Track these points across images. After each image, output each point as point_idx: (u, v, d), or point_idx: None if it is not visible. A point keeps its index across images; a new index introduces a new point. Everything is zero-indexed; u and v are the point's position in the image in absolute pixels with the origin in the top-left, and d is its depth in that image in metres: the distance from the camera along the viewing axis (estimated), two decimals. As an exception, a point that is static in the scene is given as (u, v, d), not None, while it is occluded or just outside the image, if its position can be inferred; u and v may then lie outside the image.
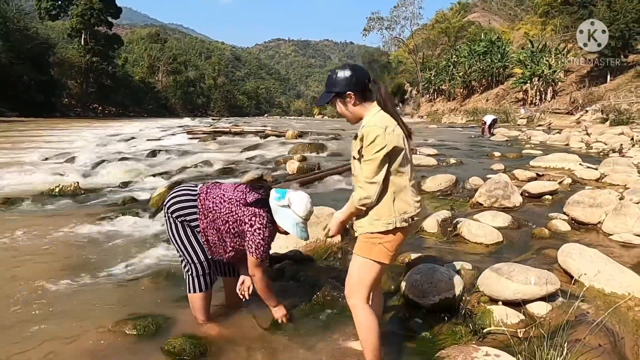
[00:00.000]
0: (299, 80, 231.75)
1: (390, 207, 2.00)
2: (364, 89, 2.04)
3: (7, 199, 5.93)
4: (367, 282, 2.08)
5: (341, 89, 2.03)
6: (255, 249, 2.40)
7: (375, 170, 1.92)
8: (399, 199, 2.01)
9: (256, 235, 2.39)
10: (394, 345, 2.44)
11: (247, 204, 2.44)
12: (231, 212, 2.45)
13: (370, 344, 2.11)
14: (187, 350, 2.29)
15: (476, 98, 45.19)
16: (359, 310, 2.09)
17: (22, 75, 41.62)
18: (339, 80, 2.03)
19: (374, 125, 1.94)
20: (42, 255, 3.85)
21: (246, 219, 2.42)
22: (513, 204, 4.67)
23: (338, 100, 2.07)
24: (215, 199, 2.49)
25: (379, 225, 2.00)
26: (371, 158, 1.92)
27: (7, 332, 2.51)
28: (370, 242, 2.03)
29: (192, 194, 2.54)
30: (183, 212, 2.48)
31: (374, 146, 1.91)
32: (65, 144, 14.39)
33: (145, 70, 74.13)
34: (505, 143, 12.61)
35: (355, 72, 2.04)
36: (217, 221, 2.45)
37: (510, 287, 2.53)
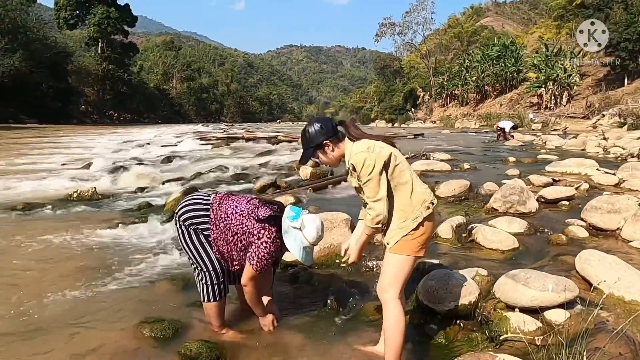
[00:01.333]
0: (311, 86, 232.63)
1: (410, 204, 2.13)
2: (335, 133, 2.21)
3: (27, 204, 6.06)
4: (402, 277, 2.16)
5: (318, 141, 2.20)
6: (257, 262, 2.40)
7: (376, 188, 2.06)
8: (414, 192, 2.14)
9: (262, 248, 2.40)
10: (409, 352, 2.43)
11: (258, 218, 2.45)
12: (242, 223, 2.46)
13: (395, 341, 2.13)
14: (204, 354, 2.31)
15: (490, 103, 44.83)
16: (390, 305, 2.13)
17: (40, 83, 42.62)
18: (312, 135, 2.22)
19: (357, 152, 2.08)
20: (61, 260, 3.92)
21: (255, 231, 2.43)
22: (529, 209, 4.62)
23: (319, 152, 2.24)
24: (228, 210, 2.51)
25: (409, 224, 2.11)
26: (368, 179, 2.06)
27: (26, 335, 2.56)
28: (404, 240, 2.13)
29: (204, 203, 2.56)
30: (195, 221, 2.50)
31: (366, 168, 2.05)
32: (83, 150, 14.69)
33: (160, 77, 75.31)
34: (520, 148, 12.48)
35: (322, 122, 2.23)
36: (227, 232, 2.47)
37: (527, 294, 2.51)
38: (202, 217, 2.51)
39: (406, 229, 2.11)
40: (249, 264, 2.43)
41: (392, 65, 68.19)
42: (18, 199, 6.47)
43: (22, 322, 2.73)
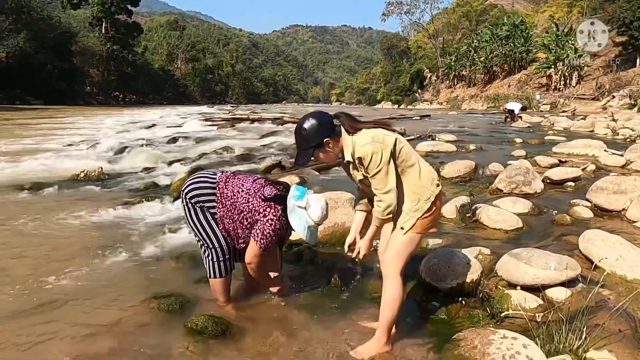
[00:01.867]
0: (316, 67, 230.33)
1: (421, 185, 2.10)
2: (333, 129, 2.09)
3: (34, 184, 6.13)
4: (408, 254, 2.16)
5: (318, 140, 2.07)
6: (261, 238, 2.42)
7: (385, 179, 2.00)
8: (423, 172, 2.11)
9: (267, 225, 2.42)
10: (410, 327, 2.47)
11: (264, 196, 2.47)
12: (247, 202, 2.48)
13: (389, 315, 2.16)
14: (210, 328, 2.36)
15: (497, 84, 44.24)
16: (392, 280, 2.14)
17: (45, 64, 42.55)
18: (311, 133, 2.08)
19: (363, 144, 1.99)
20: (68, 238, 3.98)
21: (260, 209, 2.45)
22: (534, 190, 4.60)
23: (318, 151, 2.11)
24: (234, 188, 2.53)
25: (423, 206, 2.09)
26: (377, 171, 1.99)
27: (34, 312, 2.62)
28: (419, 221, 2.11)
29: (210, 181, 2.58)
30: (202, 198, 2.52)
31: (375, 160, 1.97)
32: (89, 131, 14.73)
33: (164, 58, 74.82)
34: (528, 129, 12.36)
35: (319, 118, 2.09)
36: (233, 210, 2.49)
37: (529, 272, 2.53)
38: (208, 194, 2.54)
39: (421, 210, 2.09)
40: (254, 240, 2.46)
41: (399, 45, 67.25)
42: (25, 179, 6.53)
43: (30, 299, 2.79)
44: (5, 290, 2.90)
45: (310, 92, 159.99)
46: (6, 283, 3.00)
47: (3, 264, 3.36)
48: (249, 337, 2.38)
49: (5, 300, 2.76)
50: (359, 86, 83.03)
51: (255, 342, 2.34)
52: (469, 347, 2.01)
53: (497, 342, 1.99)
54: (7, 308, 2.66)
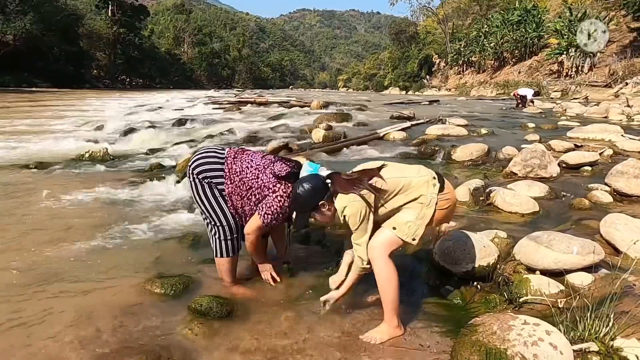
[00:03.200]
0: (323, 52, 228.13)
1: (417, 192, 2.09)
2: (327, 189, 2.10)
3: (40, 163, 6.08)
4: (396, 247, 2.13)
5: (312, 204, 2.10)
6: (266, 213, 2.35)
7: (359, 234, 2.07)
8: (414, 184, 2.09)
9: (275, 202, 2.34)
10: (423, 312, 2.37)
11: (274, 172, 2.38)
12: (257, 177, 2.38)
13: (390, 296, 2.09)
14: (214, 310, 2.27)
15: (507, 70, 43.50)
16: (379, 261, 2.08)
17: (52, 47, 42.41)
18: (305, 199, 2.10)
19: (343, 207, 2.02)
20: (72, 217, 3.91)
21: (270, 185, 2.36)
22: (550, 174, 4.45)
23: (314, 213, 2.13)
24: (243, 164, 2.43)
25: (427, 212, 2.07)
26: (355, 228, 2.05)
27: (36, 289, 2.55)
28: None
29: (219, 156, 2.47)
30: (209, 174, 2.42)
31: (353, 222, 2.03)
32: (95, 113, 14.66)
33: (171, 42, 74.34)
34: (540, 115, 12.08)
35: (312, 183, 2.10)
36: (242, 186, 2.40)
37: (549, 256, 2.40)
38: (216, 170, 2.43)
39: (427, 216, 2.08)
40: (258, 214, 2.37)
41: (407, 30, 66.13)
42: (30, 158, 6.48)
43: (30, 276, 2.72)
44: (5, 266, 2.83)
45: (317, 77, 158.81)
46: (6, 259, 2.94)
47: (4, 240, 3.30)
48: (255, 319, 2.28)
49: (4, 276, 2.69)
50: (367, 72, 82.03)
51: (262, 323, 2.24)
52: (487, 332, 1.89)
53: (517, 328, 1.87)
54: (5, 284, 2.59)
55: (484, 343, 1.86)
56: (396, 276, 2.09)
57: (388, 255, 2.09)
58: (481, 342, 1.87)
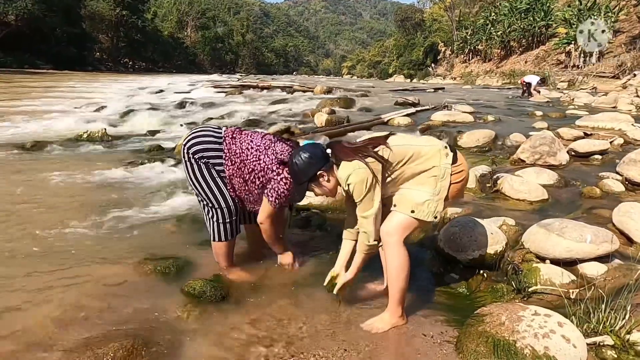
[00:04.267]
0: (328, 39, 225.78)
1: (430, 164, 1.94)
2: (327, 159, 1.95)
3: (37, 142, 5.96)
4: (412, 229, 2.00)
5: (310, 174, 1.94)
6: (276, 198, 2.24)
7: (367, 204, 1.89)
8: (425, 155, 1.94)
9: (281, 184, 2.22)
10: (427, 300, 2.26)
11: (276, 154, 2.26)
12: (258, 159, 2.27)
13: (399, 285, 1.96)
14: (208, 293, 2.17)
15: (514, 59, 42.93)
16: (395, 248, 1.95)
17: (54, 28, 41.96)
18: (302, 168, 1.95)
19: (347, 175, 1.87)
20: (67, 196, 3.80)
21: (274, 167, 2.24)
22: (559, 161, 4.31)
23: (312, 185, 1.98)
24: (242, 145, 2.30)
25: (443, 185, 1.93)
26: (361, 198, 1.88)
27: (25, 271, 2.45)
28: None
29: (216, 136, 2.33)
30: (207, 154, 2.29)
31: (359, 190, 1.87)
32: (96, 95, 14.50)
33: (174, 25, 73.53)
34: (547, 104, 11.86)
35: (310, 151, 1.96)
36: (244, 169, 2.28)
37: (561, 245, 2.28)
38: (213, 150, 2.29)
39: (443, 191, 1.94)
40: (267, 200, 2.26)
41: (413, 17, 65.26)
42: (27, 138, 6.36)
43: (20, 257, 2.62)
44: (-5, 246, 2.74)
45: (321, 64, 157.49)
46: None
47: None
48: (250, 305, 2.18)
49: (-7, 256, 2.60)
50: (371, 59, 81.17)
51: (257, 309, 2.14)
52: (495, 323, 1.79)
53: (527, 318, 1.77)
54: (-6, 264, 2.49)
55: (492, 334, 1.75)
56: (409, 265, 1.97)
57: (403, 240, 1.97)
58: (488, 332, 1.77)
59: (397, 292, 1.97)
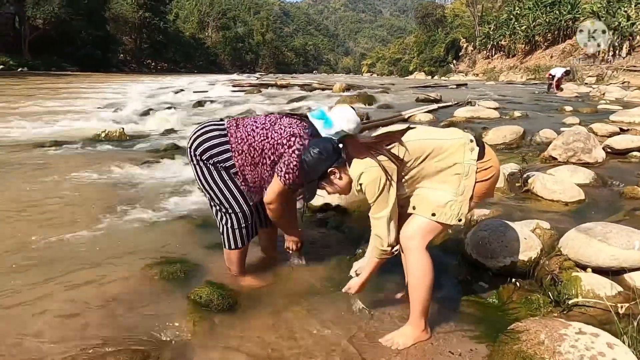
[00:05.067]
0: (347, 37, 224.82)
1: (452, 160, 1.74)
2: (339, 155, 1.79)
3: (56, 142, 5.98)
4: (436, 234, 1.81)
5: (321, 172, 1.79)
6: (286, 173, 2.04)
7: (381, 204, 1.72)
8: (447, 150, 1.75)
9: (293, 157, 2.02)
10: (453, 312, 2.06)
11: (283, 126, 2.09)
12: (267, 137, 2.08)
13: (421, 296, 1.77)
14: (215, 302, 2.02)
15: (539, 54, 41.81)
16: (416, 254, 1.76)
17: (80, 31, 42.98)
18: (312, 165, 1.80)
19: (359, 174, 1.71)
20: (81, 195, 3.74)
21: (284, 140, 2.05)
22: (594, 159, 4.02)
23: (324, 183, 1.82)
24: (248, 128, 2.12)
25: (468, 184, 1.73)
26: (375, 198, 1.71)
27: (31, 273, 2.36)
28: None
29: (220, 129, 2.15)
30: (214, 152, 2.10)
31: (371, 191, 1.70)
32: (118, 95, 14.66)
33: (195, 26, 74.45)
34: (576, 99, 11.38)
35: (320, 146, 1.79)
36: (253, 153, 2.09)
37: (605, 252, 2.05)
38: (220, 145, 2.11)
39: (468, 190, 1.74)
40: (277, 176, 2.07)
41: (434, 13, 64.33)
42: (48, 138, 6.38)
43: (28, 259, 2.54)
44: (5, 243, 2.68)
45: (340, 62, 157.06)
46: (6, 237, 2.79)
47: (7, 218, 3.15)
48: (260, 314, 2.02)
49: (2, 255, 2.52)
50: (391, 56, 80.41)
51: (268, 319, 1.98)
52: (533, 342, 1.58)
53: (571, 338, 1.55)
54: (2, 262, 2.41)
55: (530, 355, 1.54)
56: (432, 273, 1.77)
57: (426, 245, 1.78)
58: (526, 353, 1.56)
59: (418, 303, 1.78)
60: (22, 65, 34.76)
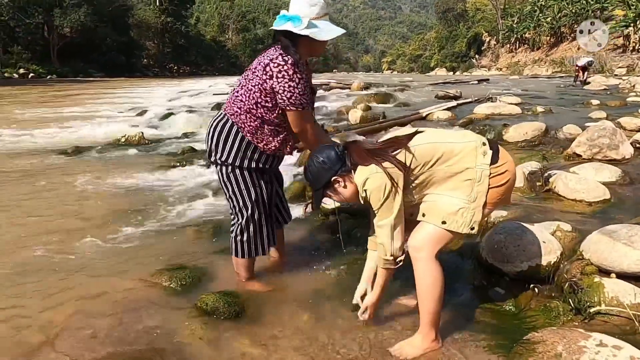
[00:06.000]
0: (367, 35, 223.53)
1: (463, 166, 1.66)
2: (343, 163, 1.71)
3: (77, 147, 6.11)
4: (445, 242, 1.73)
5: (325, 180, 1.72)
6: (289, 98, 1.94)
7: (386, 212, 1.65)
8: (458, 154, 1.67)
9: (283, 81, 1.92)
10: (467, 320, 1.97)
11: (254, 69, 2.00)
12: (250, 90, 2.00)
13: (431, 306, 1.70)
14: (221, 309, 1.99)
15: (565, 46, 40.50)
16: (424, 264, 1.69)
17: (105, 38, 44.10)
18: (315, 174, 1.75)
19: (364, 180, 1.65)
20: (92, 203, 3.78)
21: (263, 76, 1.95)
22: (622, 155, 3.82)
23: (328, 192, 1.76)
24: (232, 97, 2.08)
25: (480, 190, 1.65)
26: (379, 206, 1.65)
27: (41, 279, 2.39)
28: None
29: (223, 120, 2.10)
30: (229, 149, 2.05)
31: (375, 198, 1.64)
32: (141, 100, 14.93)
33: (216, 29, 75.39)
34: (604, 92, 10.94)
35: (324, 155, 1.73)
36: (253, 112, 2.01)
37: (630, 256, 1.92)
38: (229, 137, 2.06)
39: (481, 195, 1.66)
40: (288, 110, 1.98)
41: (455, 8, 63.12)
42: (69, 143, 6.53)
43: (39, 264, 2.57)
44: (12, 250, 2.73)
45: (360, 60, 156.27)
46: (14, 244, 2.84)
47: (17, 224, 3.22)
48: (267, 322, 1.98)
49: (9, 263, 2.57)
50: (412, 53, 79.39)
51: (275, 328, 1.94)
52: (550, 354, 1.49)
53: (591, 350, 1.46)
54: (8, 272, 2.45)
55: (545, 368, 1.45)
56: (442, 283, 1.70)
57: (435, 254, 1.70)
58: (541, 366, 1.47)
59: (428, 313, 1.71)
60: (51, 73, 35.94)
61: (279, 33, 2.01)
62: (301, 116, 2.00)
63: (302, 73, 1.97)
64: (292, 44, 1.98)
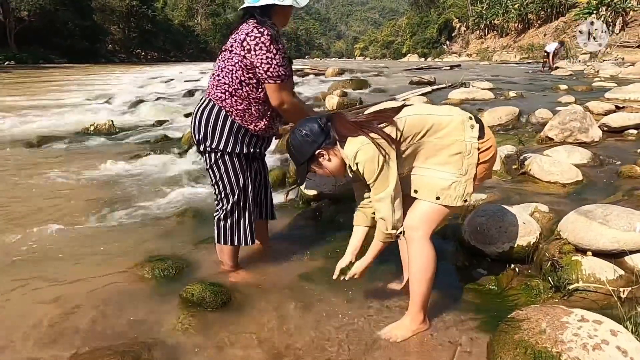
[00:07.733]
0: (339, 20, 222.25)
1: (453, 139, 1.65)
2: (327, 135, 1.65)
3: (42, 138, 5.84)
4: (440, 219, 1.75)
5: (308, 154, 1.66)
6: (267, 70, 1.92)
7: (382, 184, 1.61)
8: (447, 127, 1.66)
9: (259, 54, 1.90)
10: (452, 301, 2.01)
11: (230, 47, 1.98)
12: (231, 70, 1.97)
13: (421, 288, 1.72)
14: (207, 299, 1.96)
15: (532, 33, 41.43)
16: (420, 244, 1.70)
17: (66, 22, 42.14)
18: (298, 148, 1.68)
19: (354, 153, 1.59)
20: (70, 193, 3.66)
21: (242, 52, 1.93)
22: (591, 138, 3.96)
23: (313, 166, 1.70)
24: (216, 83, 2.03)
25: (470, 162, 1.66)
26: (375, 178, 1.60)
27: (17, 274, 2.29)
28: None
29: (208, 107, 2.04)
30: (214, 134, 2.01)
31: (369, 170, 1.59)
32: (108, 87, 14.41)
33: (184, 14, 73.20)
34: (570, 77, 11.28)
35: (307, 127, 1.66)
36: (237, 90, 1.98)
37: (605, 234, 2.00)
38: (217, 121, 2.01)
39: (472, 168, 1.67)
40: (267, 83, 1.95)
41: (426, -7, 63.49)
42: (35, 133, 6.23)
43: (13, 259, 2.47)
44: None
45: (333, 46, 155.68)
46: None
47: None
48: (254, 311, 1.97)
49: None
50: (384, 39, 79.53)
51: (262, 316, 1.93)
52: (535, 331, 1.54)
53: (573, 325, 1.51)
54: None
55: (531, 344, 1.50)
56: (435, 264, 1.72)
57: (430, 234, 1.71)
58: (527, 342, 1.52)
59: (419, 295, 1.73)
60: (8, 59, 34.09)
61: (255, 9, 1.96)
62: (279, 88, 1.97)
63: (279, 44, 1.95)
64: (268, 18, 1.95)
